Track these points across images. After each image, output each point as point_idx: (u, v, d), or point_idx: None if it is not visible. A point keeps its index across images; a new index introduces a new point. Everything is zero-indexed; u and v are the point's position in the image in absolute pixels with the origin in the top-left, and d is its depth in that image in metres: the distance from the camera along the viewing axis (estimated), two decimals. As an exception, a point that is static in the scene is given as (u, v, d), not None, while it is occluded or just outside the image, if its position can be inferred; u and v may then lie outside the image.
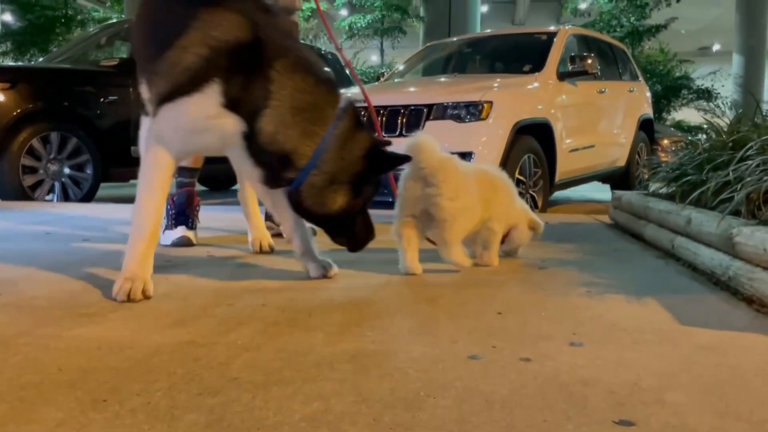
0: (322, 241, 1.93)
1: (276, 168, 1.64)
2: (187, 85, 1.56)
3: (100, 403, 0.96)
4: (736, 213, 1.94)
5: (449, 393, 1.01)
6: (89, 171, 5.01)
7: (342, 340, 1.29)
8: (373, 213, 1.81)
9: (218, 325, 1.39)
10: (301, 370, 1.11)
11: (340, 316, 1.47)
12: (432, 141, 1.91)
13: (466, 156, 4.21)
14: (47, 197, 4.89)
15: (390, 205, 4.45)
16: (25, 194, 4.74)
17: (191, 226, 2.58)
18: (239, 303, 1.58)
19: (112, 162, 5.14)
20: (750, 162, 1.94)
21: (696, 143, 2.64)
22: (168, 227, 2.57)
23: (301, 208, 1.69)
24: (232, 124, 1.59)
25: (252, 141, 1.60)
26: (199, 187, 8.47)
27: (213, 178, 7.96)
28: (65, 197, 4.94)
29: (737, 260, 1.73)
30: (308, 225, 2.04)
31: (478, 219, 2.02)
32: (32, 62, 11.79)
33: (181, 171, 2.71)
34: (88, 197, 5.00)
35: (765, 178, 1.85)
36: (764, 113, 2.47)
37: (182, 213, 2.58)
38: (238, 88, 1.56)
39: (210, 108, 1.57)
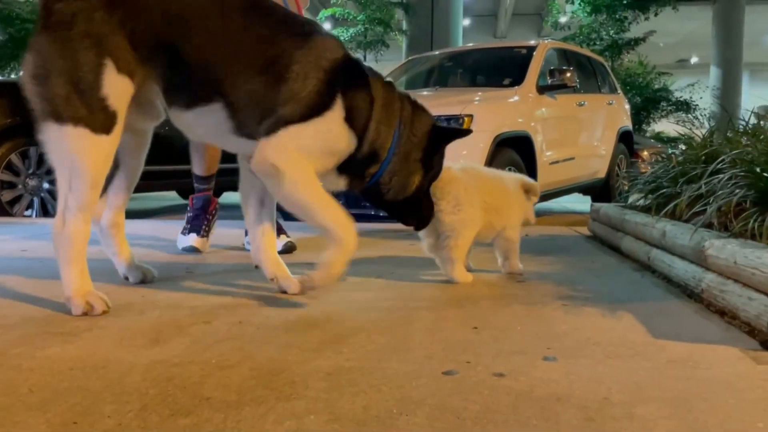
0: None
1: (362, 169, 1.76)
2: (314, 108, 1.65)
3: (71, 425, 0.96)
4: (708, 225, 1.97)
5: (422, 410, 1.02)
6: (69, 186, 4.96)
7: (318, 357, 1.29)
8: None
9: (193, 343, 1.38)
10: (275, 389, 1.11)
11: (317, 333, 1.46)
12: None
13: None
14: (26, 213, 4.84)
15: (372, 218, 4.45)
16: (3, 210, 4.68)
17: (203, 234, 2.79)
18: (215, 320, 1.57)
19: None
20: (722, 175, 1.98)
21: (671, 156, 2.68)
22: (183, 232, 2.80)
23: (381, 198, 1.84)
24: (347, 137, 1.70)
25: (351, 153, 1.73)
26: (180, 201, 8.41)
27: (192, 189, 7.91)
28: (44, 212, 4.89)
29: (710, 272, 1.75)
30: (283, 242, 2.02)
31: (480, 228, 2.08)
32: (12, 76, 11.70)
33: (197, 180, 2.91)
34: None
35: (736, 191, 1.88)
36: (736, 127, 2.52)
37: (197, 218, 2.81)
38: (354, 105, 1.70)
39: (343, 126, 1.69)
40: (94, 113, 1.58)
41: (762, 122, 2.64)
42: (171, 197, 8.50)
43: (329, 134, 1.67)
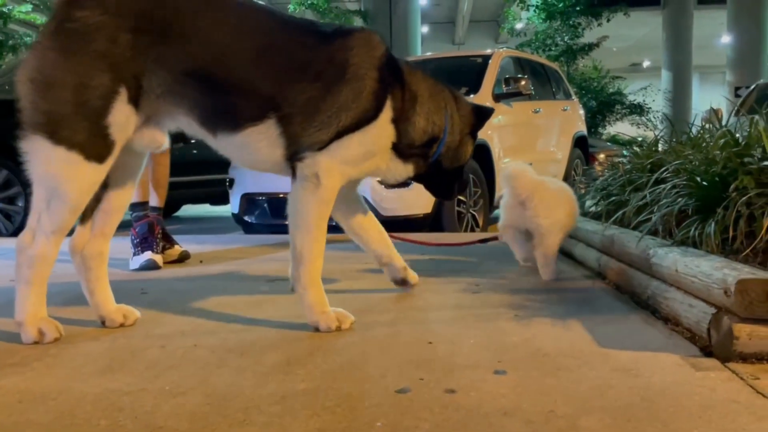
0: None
1: (425, 153, 1.88)
2: (373, 110, 1.69)
3: (17, 463, 0.94)
4: (654, 232, 2.05)
5: (374, 431, 1.03)
6: (21, 204, 4.85)
7: (272, 380, 1.29)
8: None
9: (147, 369, 1.37)
10: (228, 416, 1.11)
11: (272, 354, 1.47)
12: (524, 169, 2.32)
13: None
14: (-24, 232, 4.71)
15: (335, 229, 4.48)
16: (-49, 230, 4.55)
17: (157, 251, 2.81)
18: (170, 345, 1.56)
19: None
20: (666, 184, 2.05)
21: (618, 165, 2.76)
22: (135, 254, 2.79)
23: (441, 170, 1.95)
24: (391, 136, 1.77)
25: (400, 143, 1.80)
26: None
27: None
28: (-5, 231, 4.76)
29: (654, 280, 1.82)
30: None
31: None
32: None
33: (134, 207, 2.88)
34: (20, 231, 4.82)
35: (678, 200, 1.96)
36: (679, 137, 2.61)
37: (146, 240, 2.80)
38: (399, 99, 1.76)
39: (389, 126, 1.76)
40: (93, 140, 1.51)
41: (707, 125, 2.75)
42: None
43: (376, 139, 1.72)
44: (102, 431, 1.05)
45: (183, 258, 2.98)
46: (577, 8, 14.62)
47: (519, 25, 16.27)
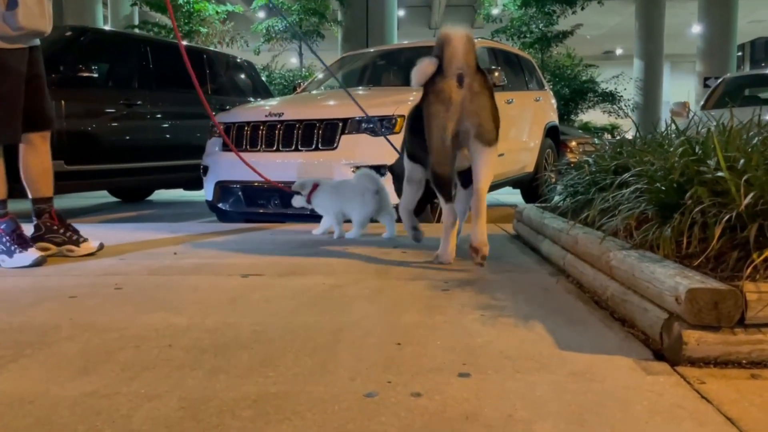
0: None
1: None
2: None
3: (-2, 470, 0.98)
4: (615, 234, 2.13)
5: (342, 436, 1.09)
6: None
7: (245, 382, 1.34)
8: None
9: (122, 371, 1.41)
10: (203, 420, 1.16)
11: (245, 355, 1.52)
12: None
13: (380, 169, 4.35)
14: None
15: (306, 218, 4.48)
16: None
17: (32, 245, 2.79)
18: (145, 344, 1.60)
19: None
20: (627, 189, 2.13)
21: (583, 166, 2.84)
22: (14, 251, 2.71)
23: None
24: None
25: None
26: (111, 199, 8.15)
27: (126, 189, 7.74)
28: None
29: (614, 282, 1.90)
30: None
31: None
32: None
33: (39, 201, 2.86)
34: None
35: (639, 204, 2.04)
36: (644, 139, 2.69)
37: (19, 236, 2.76)
38: None
39: None
40: None
41: (673, 121, 2.84)
42: (101, 195, 8.26)
43: None
44: (80, 436, 1.09)
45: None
46: (552, -5, 14.70)
47: (495, 11, 16.30)
